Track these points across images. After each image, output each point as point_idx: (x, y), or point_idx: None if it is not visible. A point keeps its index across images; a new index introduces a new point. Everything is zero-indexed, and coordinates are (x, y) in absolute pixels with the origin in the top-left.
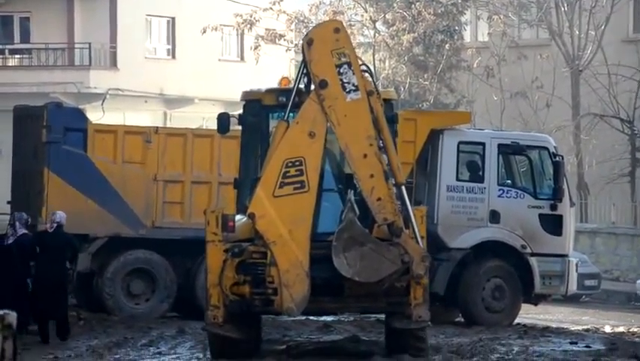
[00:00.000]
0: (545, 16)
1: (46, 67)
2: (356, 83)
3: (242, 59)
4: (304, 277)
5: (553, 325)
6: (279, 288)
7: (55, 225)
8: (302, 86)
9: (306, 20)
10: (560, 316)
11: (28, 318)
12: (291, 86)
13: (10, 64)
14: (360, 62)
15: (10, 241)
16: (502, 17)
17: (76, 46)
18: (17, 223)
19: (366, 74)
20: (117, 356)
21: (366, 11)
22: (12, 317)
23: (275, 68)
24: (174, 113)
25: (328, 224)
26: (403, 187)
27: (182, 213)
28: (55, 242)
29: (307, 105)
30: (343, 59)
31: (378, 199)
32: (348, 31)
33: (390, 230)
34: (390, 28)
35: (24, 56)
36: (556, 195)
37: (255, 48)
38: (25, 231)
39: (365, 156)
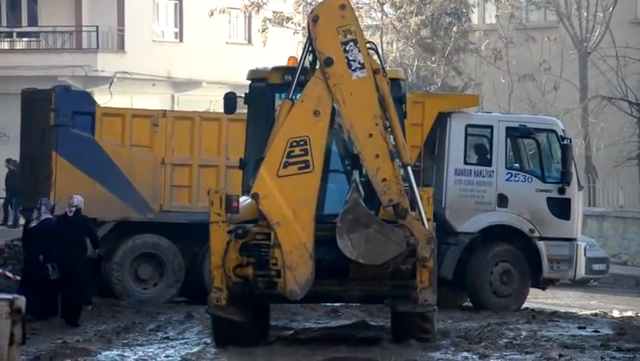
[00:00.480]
0: None
1: (54, 50)
2: (362, 61)
3: (249, 41)
4: (308, 259)
5: (562, 309)
6: (282, 270)
7: (74, 208)
8: (308, 64)
9: (312, 3)
10: (568, 300)
11: (52, 303)
12: (294, 65)
13: (17, 47)
14: (365, 40)
15: (33, 225)
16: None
17: (83, 29)
18: (43, 207)
19: (372, 52)
20: (125, 341)
21: None
22: (21, 301)
23: (282, 50)
24: (182, 97)
25: (333, 205)
26: (409, 168)
27: (190, 197)
28: (74, 226)
29: (312, 83)
30: (349, 36)
31: (384, 180)
32: (356, 13)
33: (395, 211)
34: (398, 11)
35: (32, 39)
36: (565, 179)
37: (263, 31)
38: (49, 215)
39: (370, 135)
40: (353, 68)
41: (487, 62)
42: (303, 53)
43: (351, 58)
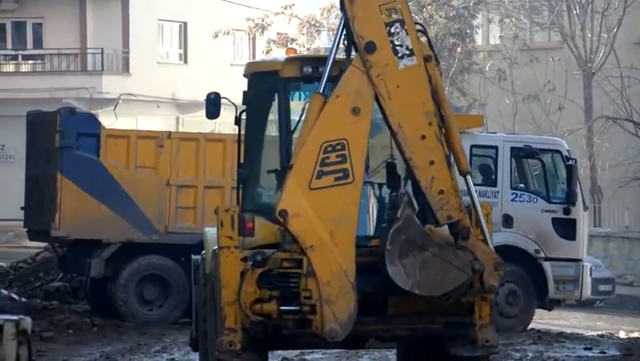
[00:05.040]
0: (557, 19)
1: (59, 72)
2: (410, 46)
3: None
4: (350, 290)
5: (568, 330)
6: (318, 304)
7: None
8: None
9: (317, 24)
10: (574, 321)
11: None
12: (316, 54)
13: (23, 69)
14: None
15: None
16: (513, 20)
17: (88, 51)
18: None
19: (421, 35)
20: None
21: None
22: (27, 322)
23: None
24: (186, 118)
25: (368, 225)
26: (469, 177)
27: (195, 218)
28: None
29: (349, 74)
30: (394, 16)
31: (440, 192)
32: None
33: (454, 230)
34: None
35: (37, 61)
36: (570, 199)
37: (267, 52)
38: None
39: (423, 137)
40: (400, 54)
41: (492, 83)
42: (336, 38)
43: (397, 43)
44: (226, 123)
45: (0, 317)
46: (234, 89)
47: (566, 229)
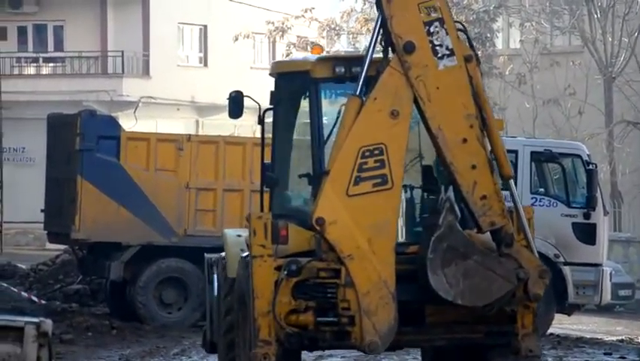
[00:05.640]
0: (578, 23)
1: (80, 75)
2: (451, 46)
3: None
4: (390, 300)
5: (587, 335)
6: (357, 316)
7: None
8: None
9: (337, 28)
10: (593, 326)
11: None
12: (345, 54)
13: (44, 72)
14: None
15: None
16: (534, 24)
17: (109, 54)
18: None
19: (461, 34)
20: None
21: None
22: (47, 324)
23: None
24: (206, 121)
25: (406, 232)
26: (512, 181)
27: (215, 221)
28: None
29: (387, 76)
30: (434, 15)
31: (483, 197)
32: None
33: (497, 237)
34: None
35: (58, 64)
36: (590, 204)
37: (287, 56)
38: None
39: (465, 140)
40: (440, 55)
41: (512, 87)
42: (372, 37)
43: (437, 42)
44: (245, 126)
45: (21, 319)
46: (254, 92)
47: (586, 233)
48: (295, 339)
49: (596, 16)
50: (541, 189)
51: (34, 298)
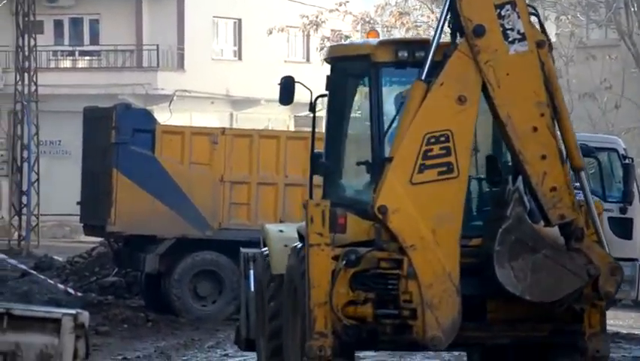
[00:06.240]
0: (614, 17)
1: (115, 69)
2: (522, 30)
3: (308, 60)
4: (454, 294)
5: (624, 331)
6: (419, 309)
7: None
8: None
9: (372, 21)
10: (630, 321)
11: None
12: (409, 37)
13: (79, 66)
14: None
15: None
16: (570, 18)
17: (144, 48)
18: None
19: (534, 18)
20: (185, 358)
21: (433, 12)
22: (84, 316)
23: None
24: (240, 115)
25: (467, 222)
26: (583, 173)
27: (249, 214)
28: None
29: (455, 60)
30: None
31: (553, 189)
32: (414, 32)
33: (567, 231)
34: None
35: (93, 57)
36: (626, 199)
37: (321, 49)
38: None
39: (535, 129)
40: (511, 39)
41: None
42: (440, 20)
43: (508, 26)
44: (279, 120)
45: (58, 311)
46: None
47: (623, 228)
48: (353, 332)
49: (632, 9)
50: (577, 184)
51: (71, 291)
